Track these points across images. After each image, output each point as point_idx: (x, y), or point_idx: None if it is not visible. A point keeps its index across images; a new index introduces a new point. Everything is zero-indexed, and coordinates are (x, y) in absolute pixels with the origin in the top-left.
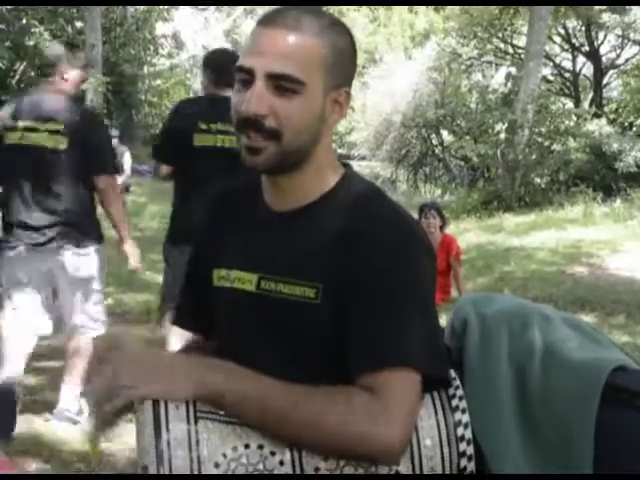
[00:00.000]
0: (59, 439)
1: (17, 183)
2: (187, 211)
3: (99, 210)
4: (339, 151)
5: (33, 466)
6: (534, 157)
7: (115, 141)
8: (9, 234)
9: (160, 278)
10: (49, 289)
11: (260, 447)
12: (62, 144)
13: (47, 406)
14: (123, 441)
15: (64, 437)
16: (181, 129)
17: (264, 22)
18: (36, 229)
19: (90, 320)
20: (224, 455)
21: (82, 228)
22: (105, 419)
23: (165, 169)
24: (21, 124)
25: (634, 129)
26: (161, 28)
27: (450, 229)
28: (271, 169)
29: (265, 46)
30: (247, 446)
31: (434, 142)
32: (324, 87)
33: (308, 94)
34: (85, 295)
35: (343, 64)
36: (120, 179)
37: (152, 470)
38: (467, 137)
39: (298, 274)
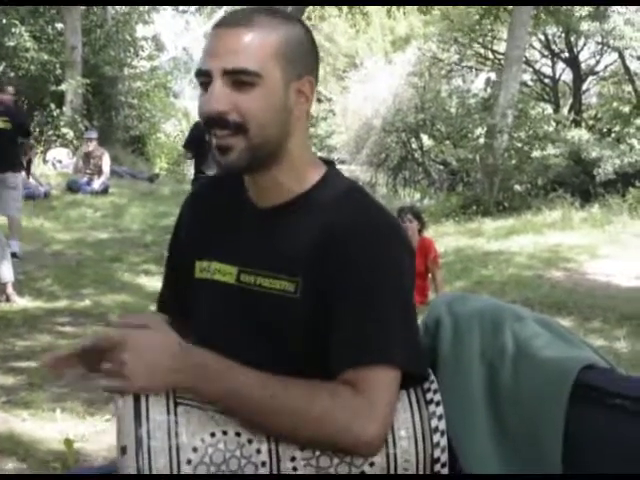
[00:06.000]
0: (35, 439)
1: None
2: None
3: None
4: (318, 154)
5: (9, 465)
6: (513, 162)
7: (94, 143)
8: None
9: (139, 280)
10: None
11: (238, 434)
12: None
13: (24, 406)
14: (99, 440)
15: (40, 437)
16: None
17: (217, 24)
18: None
19: (15, 208)
20: (202, 440)
21: (17, 166)
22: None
23: (190, 155)
24: None
25: (612, 136)
26: (141, 30)
27: (429, 233)
28: (244, 167)
29: (218, 46)
30: (225, 433)
31: (414, 146)
32: (283, 78)
33: (267, 86)
34: (15, 194)
35: (301, 54)
36: (99, 181)
37: (131, 451)
38: (447, 142)
39: (278, 269)
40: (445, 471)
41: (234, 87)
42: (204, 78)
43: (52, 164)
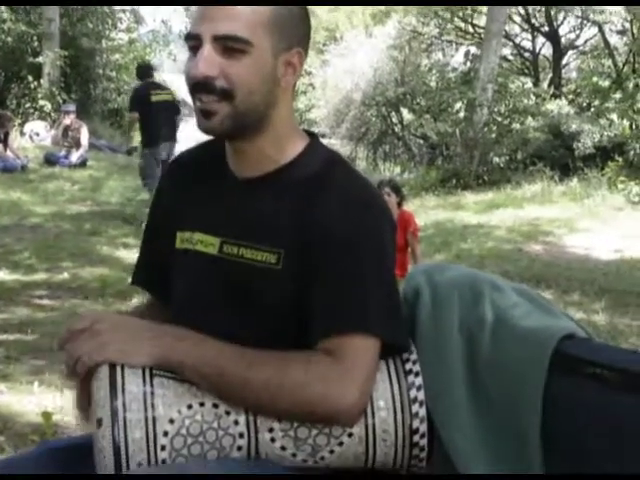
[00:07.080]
0: (13, 411)
1: None
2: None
3: None
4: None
5: None
6: (493, 136)
7: (72, 116)
8: None
9: (117, 253)
10: None
11: (215, 406)
12: None
13: (1, 379)
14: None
15: (18, 409)
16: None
17: None
18: None
19: None
20: (179, 412)
21: None
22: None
23: (134, 116)
24: None
25: (592, 110)
26: None
27: (409, 206)
28: (227, 133)
29: (210, 11)
30: (202, 404)
31: (394, 120)
32: (273, 48)
33: (256, 54)
34: None
35: (291, 25)
36: (77, 153)
37: (106, 423)
38: (427, 115)
39: (260, 240)
40: (424, 442)
41: (224, 53)
42: (194, 42)
43: (29, 137)
